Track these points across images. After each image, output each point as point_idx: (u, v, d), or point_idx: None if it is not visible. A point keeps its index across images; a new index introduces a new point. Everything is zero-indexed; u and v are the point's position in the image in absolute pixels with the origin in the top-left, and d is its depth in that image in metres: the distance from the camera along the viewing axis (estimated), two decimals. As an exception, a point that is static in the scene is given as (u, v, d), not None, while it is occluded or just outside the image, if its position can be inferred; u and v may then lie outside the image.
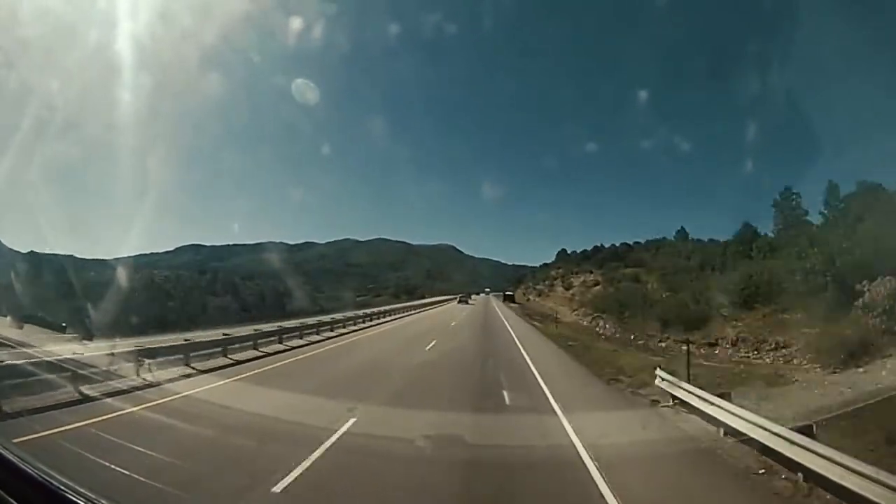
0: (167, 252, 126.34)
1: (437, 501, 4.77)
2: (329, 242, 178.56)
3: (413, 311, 41.20)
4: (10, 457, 1.51)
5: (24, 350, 9.13)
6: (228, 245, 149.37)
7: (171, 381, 9.54)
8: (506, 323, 30.60)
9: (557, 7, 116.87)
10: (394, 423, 7.24)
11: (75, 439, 5.60)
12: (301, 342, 16.79)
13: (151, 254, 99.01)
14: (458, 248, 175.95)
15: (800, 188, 33.49)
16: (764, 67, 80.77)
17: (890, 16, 35.73)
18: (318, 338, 18.64)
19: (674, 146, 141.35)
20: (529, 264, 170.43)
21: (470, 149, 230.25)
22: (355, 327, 24.11)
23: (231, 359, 12.40)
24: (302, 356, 14.05)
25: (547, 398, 9.01)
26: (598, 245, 64.86)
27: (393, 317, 32.30)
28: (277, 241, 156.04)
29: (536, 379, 11.32)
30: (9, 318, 14.26)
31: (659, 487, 5.15)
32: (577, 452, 5.95)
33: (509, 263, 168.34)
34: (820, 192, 27.94)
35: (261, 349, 14.32)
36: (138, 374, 9.44)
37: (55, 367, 7.85)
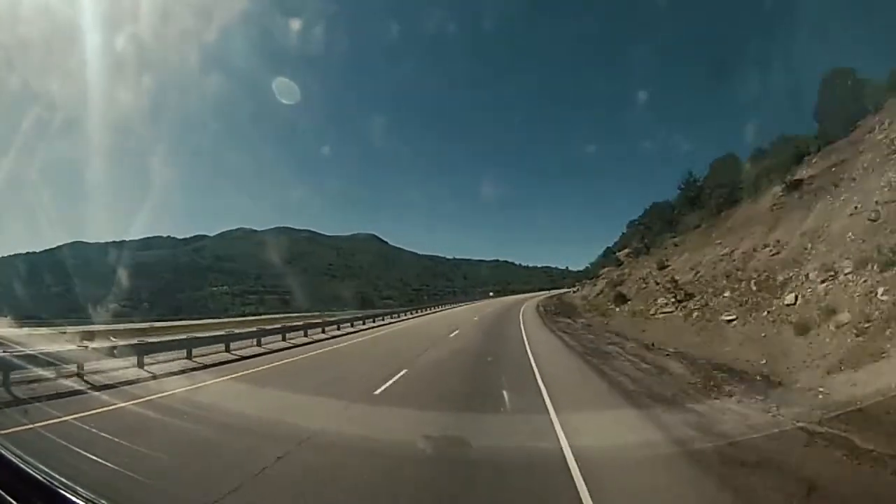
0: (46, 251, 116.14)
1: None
2: (221, 234, 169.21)
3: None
4: (11, 457, 1.65)
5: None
6: (114, 241, 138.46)
7: None
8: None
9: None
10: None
11: None
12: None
13: (29, 253, 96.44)
14: (381, 238, 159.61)
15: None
16: (764, 67, 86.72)
17: (890, 14, 36.05)
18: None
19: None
20: (475, 258, 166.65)
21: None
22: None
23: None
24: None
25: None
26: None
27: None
28: (165, 235, 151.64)
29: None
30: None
31: None
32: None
33: (449, 258, 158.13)
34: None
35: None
36: None
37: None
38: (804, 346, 11.55)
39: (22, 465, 1.60)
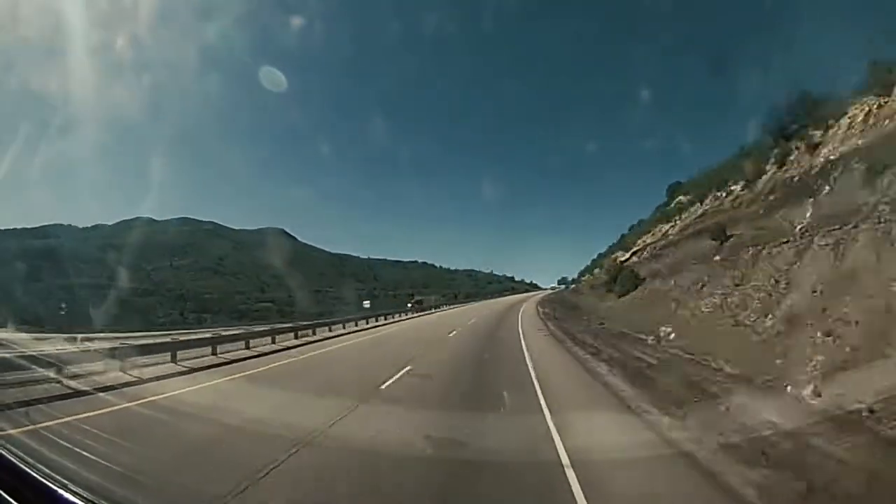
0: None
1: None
2: (119, 222, 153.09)
3: None
4: (10, 457, 1.67)
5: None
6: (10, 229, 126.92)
7: None
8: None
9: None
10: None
11: None
12: None
13: None
14: (289, 232, 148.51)
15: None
16: (766, 65, 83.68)
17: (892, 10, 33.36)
18: None
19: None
20: (392, 258, 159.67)
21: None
22: None
23: None
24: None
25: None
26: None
27: None
28: (66, 223, 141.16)
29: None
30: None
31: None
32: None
33: (363, 257, 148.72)
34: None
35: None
36: None
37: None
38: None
39: (21, 466, 1.63)
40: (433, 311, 57.41)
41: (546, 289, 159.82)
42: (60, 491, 1.54)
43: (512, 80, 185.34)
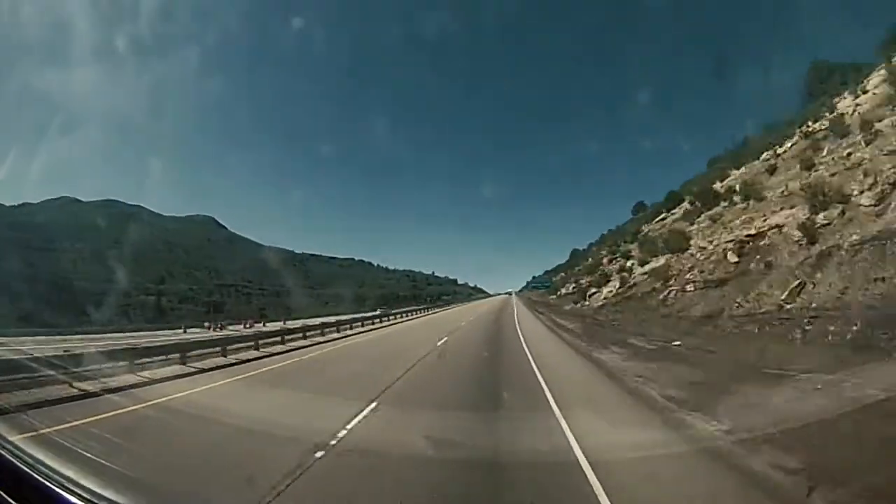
0: None
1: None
2: (43, 202, 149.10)
3: None
4: (10, 457, 1.63)
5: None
6: None
7: None
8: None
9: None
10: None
11: None
12: None
13: None
14: (220, 221, 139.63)
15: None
16: (766, 65, 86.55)
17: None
18: None
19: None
20: (327, 254, 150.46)
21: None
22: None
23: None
24: None
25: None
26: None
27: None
28: None
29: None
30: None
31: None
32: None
33: (297, 252, 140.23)
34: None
35: None
36: None
37: None
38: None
39: (21, 466, 1.59)
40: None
41: (495, 295, 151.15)
42: (60, 491, 1.53)
43: (510, 79, 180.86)
